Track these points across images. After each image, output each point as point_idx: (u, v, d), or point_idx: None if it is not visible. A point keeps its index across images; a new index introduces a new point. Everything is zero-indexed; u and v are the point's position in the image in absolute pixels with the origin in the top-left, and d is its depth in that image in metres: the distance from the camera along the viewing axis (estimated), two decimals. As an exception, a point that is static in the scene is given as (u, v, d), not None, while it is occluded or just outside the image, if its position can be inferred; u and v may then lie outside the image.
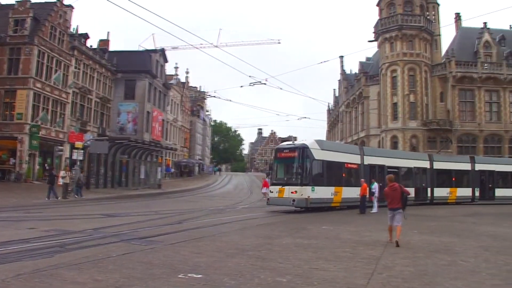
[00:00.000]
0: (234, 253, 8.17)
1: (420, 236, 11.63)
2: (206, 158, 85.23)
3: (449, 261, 7.83)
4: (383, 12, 43.36)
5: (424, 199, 26.11)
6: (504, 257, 8.37)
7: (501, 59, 43.05)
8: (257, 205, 24.64)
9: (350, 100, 54.31)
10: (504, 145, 41.41)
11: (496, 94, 42.39)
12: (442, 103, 42.38)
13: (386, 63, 42.56)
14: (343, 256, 8.07)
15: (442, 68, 42.56)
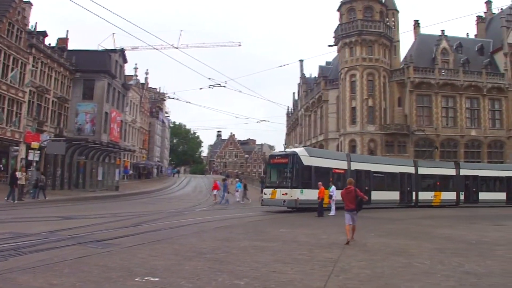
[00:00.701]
0: (191, 256, 8.50)
1: (377, 238, 12.32)
2: (165, 160, 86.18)
3: (405, 263, 8.37)
4: (343, 17, 45.69)
5: (409, 202, 29.12)
6: (458, 259, 8.92)
7: (458, 66, 46.37)
8: (215, 208, 25.90)
9: (309, 104, 56.59)
10: (460, 150, 44.66)
11: (453, 100, 45.58)
12: (400, 108, 45.09)
13: (346, 67, 44.94)
14: (300, 259, 8.49)
15: (401, 73, 45.34)
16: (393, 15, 47.61)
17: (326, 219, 18.93)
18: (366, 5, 44.93)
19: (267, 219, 19.02)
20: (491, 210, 27.85)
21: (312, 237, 12.40)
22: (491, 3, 57.43)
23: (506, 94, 46.11)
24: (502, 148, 46.01)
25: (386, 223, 17.89)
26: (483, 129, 45.59)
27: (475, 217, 22.21)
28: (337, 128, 47.22)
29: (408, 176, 29.50)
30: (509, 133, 45.73)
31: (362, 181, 26.02)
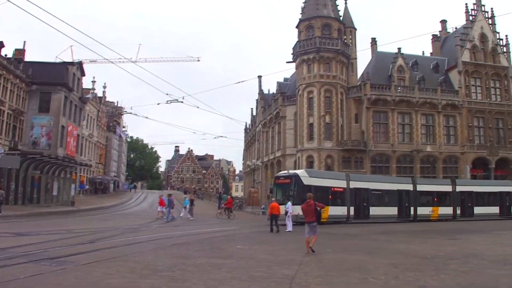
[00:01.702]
0: (147, 273, 8.88)
1: (334, 254, 13.17)
2: (122, 175, 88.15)
3: (360, 278, 8.98)
4: (301, 34, 48.39)
5: (407, 216, 33.90)
6: (413, 274, 9.65)
7: (413, 83, 49.36)
8: (172, 224, 26.86)
9: (267, 120, 58.83)
10: (415, 165, 47.49)
11: (409, 116, 48.72)
12: (357, 124, 47.87)
13: (303, 84, 47.41)
14: (257, 276, 8.97)
15: (358, 90, 48.14)
16: (350, 32, 50.73)
17: (285, 236, 20.59)
18: (324, 23, 47.87)
19: (225, 235, 19.83)
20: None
21: (270, 253, 13.14)
22: (446, 22, 61.64)
23: (460, 111, 49.80)
24: (457, 163, 49.42)
25: (343, 238, 19.27)
26: (438, 145, 48.97)
27: (432, 231, 24.27)
28: (294, 144, 49.25)
29: (406, 193, 34.35)
30: (463, 148, 49.29)
31: (360, 198, 31.85)
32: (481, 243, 17.37)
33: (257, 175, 63.24)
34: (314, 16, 48.61)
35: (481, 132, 51.81)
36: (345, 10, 52.30)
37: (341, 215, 30.38)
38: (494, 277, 9.51)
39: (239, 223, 30.15)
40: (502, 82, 53.22)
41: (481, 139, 51.62)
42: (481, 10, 54.43)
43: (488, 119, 51.69)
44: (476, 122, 51.63)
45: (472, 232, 23.32)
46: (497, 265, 11.27)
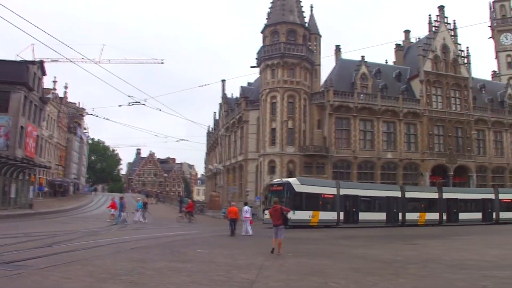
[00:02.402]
0: (106, 278, 8.92)
1: (295, 258, 13.43)
2: (82, 178, 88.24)
3: (321, 283, 9.20)
4: (266, 39, 49.87)
5: (395, 222, 37.19)
6: (373, 278, 9.89)
7: (376, 91, 51.63)
8: (133, 227, 27.28)
9: (230, 124, 60.21)
10: (376, 171, 49.80)
11: (370, 124, 50.88)
12: (319, 130, 49.57)
13: (267, 89, 48.88)
14: (217, 280, 9.16)
15: (321, 96, 49.89)
16: (315, 39, 52.45)
17: (245, 240, 21.27)
18: (289, 29, 49.51)
19: (185, 239, 20.19)
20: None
21: (230, 257, 13.42)
22: (409, 32, 64.53)
23: (421, 119, 52.42)
24: (417, 170, 51.50)
25: (305, 243, 19.73)
26: (398, 152, 51.39)
27: (391, 237, 25.44)
28: (257, 149, 50.66)
29: (395, 199, 37.77)
30: (423, 156, 51.92)
31: (350, 204, 35.25)
32: (439, 248, 18.18)
33: (219, 179, 64.16)
34: (279, 22, 50.14)
35: (441, 140, 54.54)
36: (310, 16, 53.95)
37: (331, 220, 33.88)
38: (450, 281, 9.93)
39: (200, 227, 31.01)
40: (462, 92, 56.43)
41: (441, 147, 54.29)
42: (444, 22, 57.35)
43: (448, 127, 54.52)
44: (436, 131, 54.33)
45: (430, 237, 24.45)
46: (453, 269, 11.75)
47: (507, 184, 57.62)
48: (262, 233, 25.61)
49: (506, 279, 10.30)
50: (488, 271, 11.36)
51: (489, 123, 58.64)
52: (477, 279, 10.19)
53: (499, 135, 60.06)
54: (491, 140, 59.18)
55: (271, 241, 14.72)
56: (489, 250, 17.59)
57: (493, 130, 59.29)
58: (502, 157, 59.55)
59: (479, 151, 57.94)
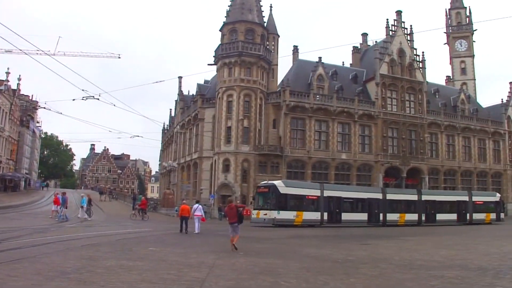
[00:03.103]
0: (54, 276, 8.79)
1: (246, 258, 13.41)
2: (34, 173, 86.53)
3: (272, 282, 9.24)
4: (225, 37, 50.18)
5: (376, 222, 39.39)
6: (324, 277, 10.04)
7: (332, 92, 52.52)
8: (84, 225, 27.14)
9: (185, 121, 60.37)
10: (330, 172, 50.74)
11: (326, 124, 51.75)
12: (274, 129, 50.20)
13: (223, 87, 49.14)
14: (167, 279, 9.12)
15: (277, 96, 50.50)
16: (273, 39, 53.27)
17: (197, 238, 21.34)
18: (248, 28, 49.97)
19: (137, 237, 20.17)
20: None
21: (182, 256, 13.46)
22: (367, 35, 66.01)
23: (376, 121, 53.68)
24: (370, 171, 53.14)
25: (257, 242, 19.89)
26: (353, 153, 52.54)
27: (344, 236, 25.82)
28: (212, 147, 51.06)
29: (376, 201, 40.09)
30: (376, 157, 53.18)
31: (333, 205, 37.59)
32: (390, 248, 18.59)
33: (173, 176, 64.14)
34: (238, 20, 50.60)
35: (395, 142, 56.04)
36: (269, 16, 54.63)
37: (315, 220, 35.92)
38: (400, 281, 10.13)
39: (153, 224, 31.06)
40: (416, 96, 58.17)
41: (394, 149, 55.81)
42: (401, 27, 58.89)
43: (402, 130, 56.09)
44: (390, 133, 55.75)
45: (382, 238, 24.86)
46: (403, 269, 11.99)
47: (458, 187, 59.77)
48: (214, 232, 26.22)
49: (453, 278, 10.54)
50: (437, 271, 11.67)
51: (442, 127, 60.55)
52: (426, 279, 10.43)
53: (451, 139, 62.09)
54: (443, 143, 61.11)
55: (224, 239, 15.54)
56: (438, 250, 18.03)
57: (445, 133, 61.25)
58: (454, 160, 61.67)
59: (432, 154, 59.78)
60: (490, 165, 65.35)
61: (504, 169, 66.38)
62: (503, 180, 66.18)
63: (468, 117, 64.30)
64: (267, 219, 33.60)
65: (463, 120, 63.22)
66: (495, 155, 66.47)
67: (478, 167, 63.85)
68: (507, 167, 66.66)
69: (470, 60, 75.71)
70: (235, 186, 47.64)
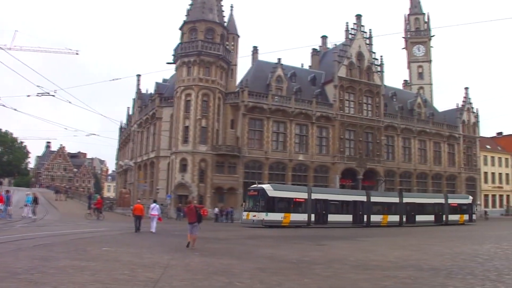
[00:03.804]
0: (4, 277, 8.74)
1: (201, 258, 13.61)
2: None
3: (226, 282, 9.35)
4: (185, 36, 50.37)
5: (360, 223, 41.54)
6: (278, 278, 10.18)
7: (290, 94, 53.38)
8: (37, 224, 27.01)
9: (143, 120, 60.35)
10: (287, 173, 51.63)
11: (283, 125, 52.56)
12: (232, 129, 50.73)
13: (182, 86, 49.35)
14: (121, 279, 9.18)
15: (235, 96, 50.99)
16: (233, 39, 53.86)
17: (152, 238, 21.59)
18: (208, 27, 50.29)
19: (92, 237, 20.26)
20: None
21: (136, 256, 13.55)
22: (326, 38, 67.49)
23: (333, 123, 54.90)
24: (327, 173, 54.26)
25: (212, 243, 20.02)
26: (310, 154, 53.60)
27: (300, 237, 26.17)
28: (169, 146, 51.19)
29: (361, 203, 42.55)
30: (333, 159, 54.36)
31: (320, 207, 39.79)
32: (345, 249, 18.96)
33: (130, 175, 64.09)
34: (199, 19, 50.83)
35: (352, 145, 57.41)
36: (230, 16, 55.21)
37: (302, 221, 38.09)
38: (354, 281, 10.37)
39: (108, 224, 31.17)
40: (374, 99, 59.82)
41: (351, 151, 57.21)
42: (360, 30, 60.44)
43: (359, 132, 57.59)
44: (347, 135, 57.12)
45: (338, 239, 25.37)
46: (357, 269, 12.29)
47: (414, 189, 61.59)
48: (170, 232, 26.60)
49: (406, 279, 10.80)
50: (390, 271, 12.01)
51: (398, 130, 62.32)
52: (380, 279, 10.68)
53: (408, 142, 64.00)
54: (399, 146, 62.92)
55: (180, 239, 16.13)
56: (392, 251, 18.44)
57: (402, 136, 63.06)
58: (410, 162, 63.56)
59: (388, 156, 61.54)
60: (445, 168, 67.56)
61: (458, 172, 68.66)
62: (457, 183, 68.49)
63: (424, 121, 66.34)
64: (256, 221, 35.80)
65: (419, 123, 65.15)
66: (449, 158, 68.73)
67: (433, 169, 65.92)
68: (461, 170, 68.98)
69: (427, 65, 78.15)
70: (192, 186, 47.87)
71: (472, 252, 17.93)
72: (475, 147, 72.85)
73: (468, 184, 70.12)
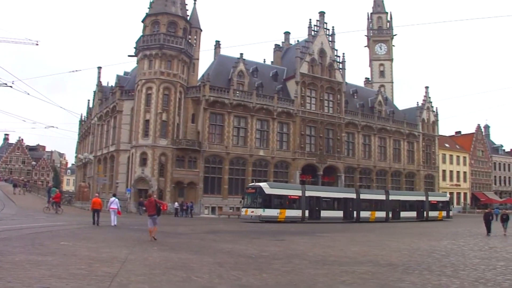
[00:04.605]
0: None
1: (160, 252, 13.71)
2: None
3: (184, 277, 9.46)
4: (147, 29, 50.80)
5: (350, 218, 45.32)
6: (236, 273, 10.32)
7: (252, 89, 54.27)
8: None
9: (103, 113, 60.31)
10: (248, 168, 52.69)
11: (244, 121, 53.50)
12: (193, 124, 51.41)
13: (143, 79, 49.68)
14: (77, 274, 9.18)
15: (197, 91, 51.55)
16: (196, 33, 54.39)
17: (112, 232, 21.95)
18: (171, 20, 50.82)
19: (50, 231, 20.11)
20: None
21: (94, 250, 13.64)
22: (289, 34, 68.77)
23: (294, 119, 56.22)
24: (288, 168, 55.56)
25: (171, 237, 20.29)
26: (270, 150, 54.75)
27: (259, 232, 26.41)
28: (129, 140, 51.51)
29: (351, 200, 46.47)
30: (294, 155, 55.72)
31: (314, 204, 43.19)
32: (304, 245, 19.20)
33: (90, 169, 64.06)
34: (161, 12, 51.27)
35: (312, 141, 58.88)
36: (193, 10, 55.73)
37: (297, 216, 41.51)
38: (312, 276, 10.49)
39: (67, 218, 31.26)
40: (335, 95, 61.43)
41: (312, 147, 58.70)
42: (323, 27, 61.93)
43: (320, 129, 59.09)
44: (308, 131, 58.56)
45: (298, 234, 25.85)
46: (316, 265, 12.46)
47: (373, 185, 63.57)
48: (130, 226, 27.04)
49: (364, 274, 11.08)
50: (348, 266, 12.30)
51: (359, 127, 64.19)
52: (338, 274, 10.98)
53: (368, 139, 65.93)
54: (360, 143, 64.78)
55: (139, 234, 17.21)
56: (351, 246, 18.90)
57: (362, 133, 64.96)
58: (370, 159, 65.50)
59: (348, 153, 63.26)
60: (404, 165, 69.75)
61: (417, 170, 70.99)
62: (416, 180, 70.76)
63: (385, 119, 68.40)
64: (253, 216, 39.26)
65: (380, 121, 67.21)
66: (409, 155, 70.98)
67: (392, 166, 68.00)
68: (420, 168, 71.31)
69: (389, 63, 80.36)
70: (152, 180, 48.38)
71: (429, 248, 18.68)
72: (434, 146, 75.20)
73: (427, 182, 72.46)
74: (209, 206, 51.18)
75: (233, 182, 52.79)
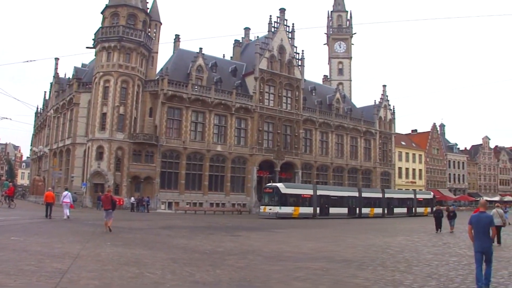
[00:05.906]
0: None
1: (112, 248, 13.77)
2: None
3: (136, 273, 9.59)
4: (106, 20, 51.20)
5: (353, 214, 51.33)
6: (190, 268, 10.54)
7: (210, 84, 55.46)
8: None
9: (59, 105, 60.55)
10: (205, 163, 54.19)
11: (202, 115, 54.83)
12: (151, 118, 52.36)
13: (101, 72, 50.12)
14: (27, 270, 9.19)
15: (155, 84, 52.45)
16: (156, 26, 55.34)
17: (65, 227, 22.06)
18: (130, 13, 51.50)
19: (1, 226, 20.30)
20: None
21: (46, 246, 13.69)
22: (249, 30, 70.45)
23: (252, 115, 57.95)
24: (245, 164, 57.38)
25: (125, 232, 20.46)
26: (228, 145, 56.26)
27: (214, 228, 27.04)
28: (86, 133, 51.96)
29: (354, 198, 52.99)
30: (251, 151, 57.48)
31: (324, 202, 49.19)
32: (260, 240, 19.61)
33: (45, 162, 64.04)
34: (121, 4, 51.92)
35: (270, 137, 60.85)
36: (153, 2, 56.59)
37: (309, 213, 47.33)
38: (266, 272, 10.73)
39: (20, 212, 31.64)
40: (294, 92, 63.39)
41: (270, 143, 60.65)
42: (283, 24, 63.72)
43: (278, 125, 61.01)
44: (266, 127, 60.40)
45: (254, 230, 26.42)
46: (271, 261, 12.79)
47: (330, 182, 66.01)
48: (84, 221, 27.63)
49: (318, 270, 11.41)
50: (303, 262, 12.65)
51: (316, 124, 66.49)
52: (292, 270, 11.27)
53: (325, 136, 68.39)
54: (317, 139, 67.10)
55: (93, 229, 18.52)
56: (306, 242, 19.33)
57: (320, 130, 67.31)
58: (327, 156, 67.91)
59: (306, 150, 65.53)
60: (361, 162, 72.54)
61: (373, 167, 73.87)
62: (372, 177, 73.69)
63: (342, 116, 70.89)
64: (271, 213, 44.21)
65: (337, 118, 69.70)
66: (366, 153, 73.79)
67: (349, 163, 70.70)
68: (377, 165, 74.24)
69: (348, 61, 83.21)
70: (108, 174, 49.16)
71: (384, 244, 19.35)
72: (390, 143, 78.15)
73: (383, 179, 75.69)
74: (166, 201, 52.22)
75: (190, 177, 54.06)
